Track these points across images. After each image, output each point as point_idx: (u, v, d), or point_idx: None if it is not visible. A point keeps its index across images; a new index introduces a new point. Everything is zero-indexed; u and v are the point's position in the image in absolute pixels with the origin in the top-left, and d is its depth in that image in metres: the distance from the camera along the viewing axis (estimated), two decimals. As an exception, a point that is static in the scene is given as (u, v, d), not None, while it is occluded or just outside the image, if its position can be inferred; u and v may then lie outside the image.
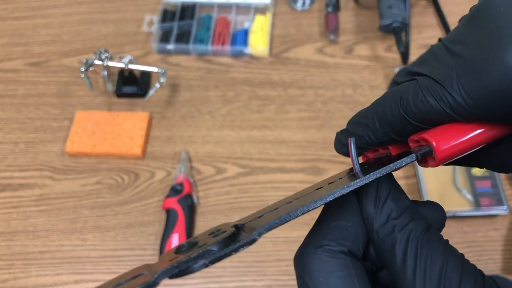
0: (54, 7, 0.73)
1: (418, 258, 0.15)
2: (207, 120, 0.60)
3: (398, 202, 0.17)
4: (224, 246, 0.15)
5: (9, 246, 0.52)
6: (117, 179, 0.56)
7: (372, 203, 0.17)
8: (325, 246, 0.16)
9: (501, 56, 0.14)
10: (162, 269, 0.14)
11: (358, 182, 0.16)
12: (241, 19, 0.70)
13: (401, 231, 0.16)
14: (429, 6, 0.71)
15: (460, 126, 0.16)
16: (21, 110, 0.62)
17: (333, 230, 0.17)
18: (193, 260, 0.14)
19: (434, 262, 0.15)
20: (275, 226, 0.15)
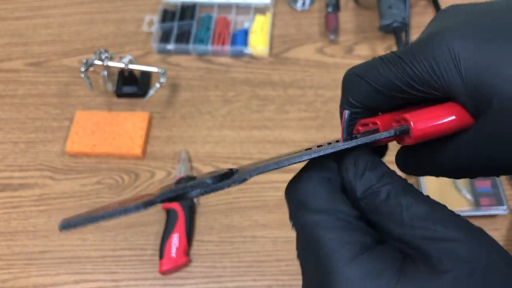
0: (54, 7, 0.73)
1: (403, 210, 0.17)
2: (207, 120, 0.60)
3: (376, 170, 0.18)
4: (219, 181, 0.17)
5: (9, 246, 0.52)
6: (117, 179, 0.56)
7: (352, 174, 0.18)
8: (310, 174, 0.19)
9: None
10: (161, 191, 0.16)
11: (338, 146, 0.18)
12: (241, 19, 0.70)
13: (381, 191, 0.17)
14: (429, 6, 0.71)
15: (436, 111, 0.19)
16: (21, 110, 0.62)
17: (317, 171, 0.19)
18: (189, 187, 0.16)
19: (418, 207, 0.17)
20: (263, 171, 0.17)
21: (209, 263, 0.50)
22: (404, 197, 0.17)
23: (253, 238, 0.51)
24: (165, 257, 0.48)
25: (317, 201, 0.18)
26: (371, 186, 0.18)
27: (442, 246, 0.16)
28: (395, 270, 0.16)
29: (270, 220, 0.52)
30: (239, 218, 0.52)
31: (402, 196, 0.17)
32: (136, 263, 0.50)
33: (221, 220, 0.52)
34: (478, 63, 0.17)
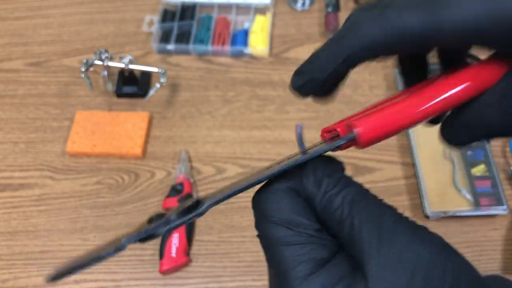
0: (54, 7, 0.73)
1: (354, 215, 0.17)
2: (207, 120, 0.60)
3: (333, 175, 0.19)
4: (183, 216, 0.18)
5: (9, 246, 0.52)
6: (118, 179, 0.56)
7: (311, 182, 0.19)
8: (274, 186, 0.19)
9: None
10: (131, 234, 0.17)
11: (295, 161, 0.18)
12: (241, 19, 0.70)
13: (336, 197, 0.18)
14: (429, 6, 0.71)
15: (384, 115, 0.19)
16: (21, 110, 0.62)
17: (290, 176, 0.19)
18: (156, 228, 0.17)
19: (369, 215, 0.17)
20: (220, 201, 0.18)
21: (209, 263, 0.50)
22: (356, 204, 0.17)
23: (253, 238, 0.51)
24: (165, 257, 0.48)
25: (280, 214, 0.18)
26: (327, 192, 0.18)
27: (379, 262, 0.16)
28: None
29: (270, 220, 0.52)
30: (239, 218, 0.53)
31: (355, 202, 0.17)
32: (136, 263, 0.50)
33: (221, 220, 0.53)
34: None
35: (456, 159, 0.54)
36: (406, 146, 0.57)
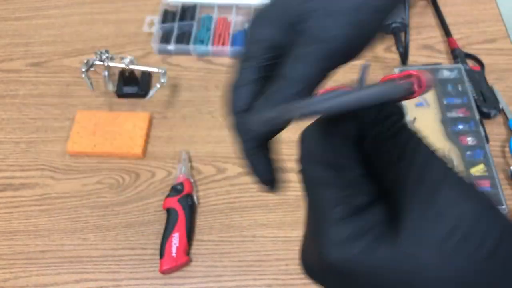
0: (55, 7, 0.73)
1: (404, 160, 0.17)
2: (208, 120, 0.60)
3: (391, 117, 0.18)
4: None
5: (10, 245, 0.52)
6: (118, 179, 0.56)
7: (371, 118, 0.18)
8: (326, 123, 0.19)
9: None
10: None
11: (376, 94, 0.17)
12: (241, 20, 0.70)
13: (390, 140, 0.18)
14: (428, 6, 0.71)
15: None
16: (22, 110, 0.62)
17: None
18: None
19: (419, 165, 0.16)
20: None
21: (209, 263, 0.50)
22: (409, 151, 0.17)
23: (253, 238, 0.51)
24: (165, 256, 0.48)
25: (326, 154, 0.18)
26: (381, 132, 0.18)
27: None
28: (374, 237, 0.16)
29: (270, 219, 0.52)
30: (239, 217, 0.53)
31: (407, 148, 0.17)
32: (136, 262, 0.50)
33: (221, 219, 0.53)
34: None
35: (455, 159, 0.54)
36: (405, 146, 0.57)
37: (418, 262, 0.15)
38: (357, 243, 0.16)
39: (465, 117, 0.57)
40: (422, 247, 0.15)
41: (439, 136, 0.57)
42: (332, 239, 0.16)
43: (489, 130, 0.58)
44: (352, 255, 0.16)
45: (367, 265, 0.15)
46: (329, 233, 0.16)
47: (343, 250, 0.16)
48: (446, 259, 0.14)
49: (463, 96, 0.59)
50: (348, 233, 0.16)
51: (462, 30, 0.68)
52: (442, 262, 0.14)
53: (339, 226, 0.16)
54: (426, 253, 0.15)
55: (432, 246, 0.15)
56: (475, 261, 0.14)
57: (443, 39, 0.67)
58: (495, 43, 0.66)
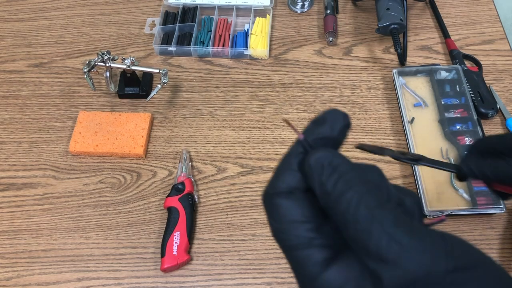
0: (57, 9, 0.74)
1: (356, 222, 0.17)
2: (208, 120, 0.61)
3: (337, 169, 0.19)
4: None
5: (12, 244, 0.52)
6: (120, 179, 0.57)
7: (316, 180, 0.19)
8: (276, 191, 0.20)
9: None
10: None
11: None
12: (241, 21, 0.71)
13: (339, 199, 0.18)
14: (427, 8, 0.72)
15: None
16: (25, 111, 0.63)
17: (281, 177, 0.20)
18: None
19: (370, 220, 0.17)
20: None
21: (209, 261, 0.50)
22: (359, 209, 0.17)
23: (253, 237, 0.52)
24: (166, 255, 0.49)
25: (282, 219, 0.19)
26: (329, 193, 0.18)
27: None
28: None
29: (270, 218, 0.53)
30: (239, 216, 0.53)
31: (358, 205, 0.18)
32: (138, 261, 0.51)
33: (222, 218, 0.53)
34: None
35: (453, 159, 0.55)
36: (404, 146, 0.58)
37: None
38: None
39: (463, 117, 0.58)
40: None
41: (437, 136, 0.57)
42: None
43: (487, 130, 0.58)
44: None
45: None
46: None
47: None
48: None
49: (461, 97, 0.60)
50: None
51: (460, 31, 0.69)
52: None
53: (318, 283, 0.18)
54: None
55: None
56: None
57: (441, 40, 0.68)
58: (492, 44, 0.67)
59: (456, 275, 0.16)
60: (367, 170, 0.20)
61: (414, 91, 0.61)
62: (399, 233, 0.16)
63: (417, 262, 0.16)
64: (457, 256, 0.17)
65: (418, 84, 0.62)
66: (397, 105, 0.61)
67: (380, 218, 0.17)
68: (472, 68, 0.63)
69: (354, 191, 0.18)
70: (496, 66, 0.65)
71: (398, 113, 0.61)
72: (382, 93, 0.63)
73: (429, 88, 0.62)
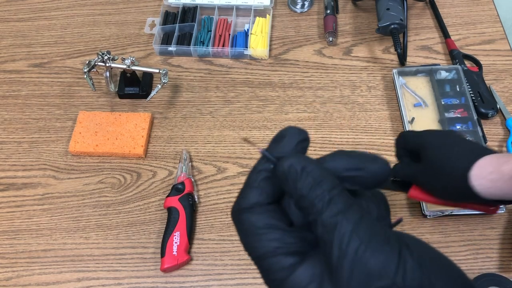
0: (57, 9, 0.74)
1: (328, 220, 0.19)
2: (208, 120, 0.61)
3: (304, 181, 0.20)
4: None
5: (12, 244, 0.52)
6: (120, 179, 0.57)
7: (289, 187, 0.20)
8: (243, 207, 0.21)
9: None
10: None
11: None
12: (241, 21, 0.71)
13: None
14: (427, 8, 0.72)
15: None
16: (25, 111, 0.63)
17: (248, 195, 0.21)
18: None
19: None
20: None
21: (209, 261, 0.50)
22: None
23: (253, 237, 0.52)
24: (166, 255, 0.49)
25: (249, 235, 0.20)
26: (301, 197, 0.19)
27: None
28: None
29: (270, 218, 0.53)
30: (240, 216, 0.53)
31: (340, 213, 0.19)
32: (138, 261, 0.51)
33: (222, 218, 0.53)
34: None
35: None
36: (404, 146, 0.58)
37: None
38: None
39: (463, 117, 0.58)
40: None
41: (437, 136, 0.57)
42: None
43: (487, 130, 0.58)
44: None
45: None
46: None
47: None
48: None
49: (461, 97, 0.60)
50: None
51: (460, 31, 0.69)
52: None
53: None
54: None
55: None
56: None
57: (441, 40, 0.68)
58: (492, 44, 0.67)
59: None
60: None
61: (414, 91, 0.61)
62: (361, 233, 0.18)
63: (374, 260, 0.17)
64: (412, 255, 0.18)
65: (418, 84, 0.62)
66: (397, 105, 0.61)
67: (345, 221, 0.18)
68: (472, 68, 0.63)
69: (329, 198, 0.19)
70: (496, 66, 0.65)
71: (398, 113, 0.61)
72: (382, 93, 0.63)
73: (429, 88, 0.62)
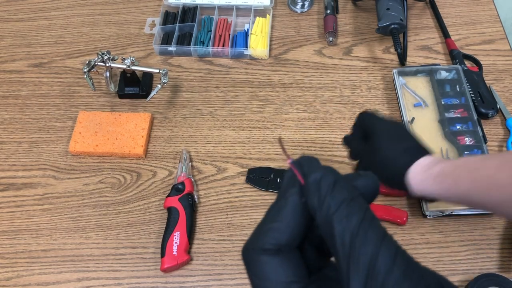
0: (57, 9, 0.74)
1: (351, 249, 0.17)
2: (208, 120, 0.61)
3: (336, 197, 0.18)
4: None
5: (12, 244, 0.52)
6: (120, 179, 0.57)
7: (315, 200, 0.18)
8: (262, 247, 0.19)
9: None
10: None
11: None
12: (241, 21, 0.71)
13: (339, 223, 0.17)
14: (427, 8, 0.72)
15: None
16: (25, 111, 0.63)
17: (270, 233, 0.19)
18: None
19: (365, 252, 0.17)
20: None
21: (209, 261, 0.50)
22: (354, 238, 0.17)
23: (253, 237, 0.52)
24: (166, 255, 0.49)
25: (266, 280, 0.18)
26: (328, 215, 0.18)
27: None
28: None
29: (270, 218, 0.53)
30: (239, 216, 0.53)
31: (352, 235, 0.17)
32: (138, 261, 0.51)
33: (222, 218, 0.53)
34: None
35: (453, 159, 0.55)
36: (404, 146, 0.58)
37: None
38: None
39: (463, 117, 0.58)
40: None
41: (437, 136, 0.57)
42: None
43: (487, 130, 0.58)
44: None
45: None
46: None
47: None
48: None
49: (461, 97, 0.60)
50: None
51: (460, 31, 0.68)
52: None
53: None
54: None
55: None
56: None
57: (441, 40, 0.68)
58: (493, 44, 0.67)
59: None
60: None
61: (414, 91, 0.61)
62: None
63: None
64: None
65: (418, 84, 0.62)
66: (397, 105, 0.61)
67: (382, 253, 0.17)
68: (472, 68, 0.63)
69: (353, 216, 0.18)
70: (496, 66, 0.65)
71: (398, 113, 0.61)
72: (382, 93, 0.63)
73: (429, 88, 0.62)
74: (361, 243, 0.17)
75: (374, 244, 0.17)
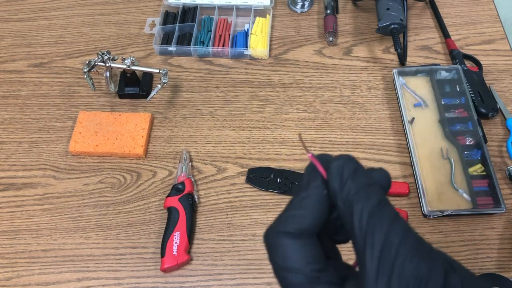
0: (57, 8, 0.74)
1: (368, 226, 0.19)
2: (208, 120, 0.61)
3: (356, 181, 0.20)
4: None
5: (12, 244, 0.52)
6: (120, 179, 0.57)
7: (337, 183, 0.20)
8: (285, 230, 0.20)
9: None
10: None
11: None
12: (241, 21, 0.71)
13: (358, 203, 0.19)
14: (427, 8, 0.72)
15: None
16: (25, 111, 0.63)
17: (293, 218, 0.21)
18: None
19: (381, 228, 0.19)
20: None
21: (209, 261, 0.50)
22: (371, 219, 0.19)
23: (253, 237, 0.52)
24: (166, 255, 0.49)
25: (286, 261, 0.20)
26: (348, 196, 0.20)
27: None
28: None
29: (270, 219, 0.53)
30: (239, 217, 0.53)
31: (369, 216, 0.19)
32: (138, 261, 0.51)
33: (222, 218, 0.53)
34: None
35: (453, 159, 0.55)
36: (404, 146, 0.58)
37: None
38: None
39: (463, 117, 0.58)
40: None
41: (437, 136, 0.57)
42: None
43: (487, 130, 0.58)
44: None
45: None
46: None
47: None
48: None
49: (461, 97, 0.60)
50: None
51: (460, 31, 0.68)
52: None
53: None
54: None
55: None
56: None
57: (441, 40, 0.68)
58: (493, 44, 0.67)
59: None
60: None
61: (414, 91, 0.61)
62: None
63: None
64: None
65: (418, 84, 0.62)
66: (397, 105, 0.61)
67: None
68: (472, 68, 0.63)
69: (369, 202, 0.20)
70: (496, 66, 0.65)
71: (398, 113, 0.61)
72: (382, 93, 0.63)
73: (429, 88, 0.62)
74: (377, 220, 0.19)
75: (389, 221, 0.19)
